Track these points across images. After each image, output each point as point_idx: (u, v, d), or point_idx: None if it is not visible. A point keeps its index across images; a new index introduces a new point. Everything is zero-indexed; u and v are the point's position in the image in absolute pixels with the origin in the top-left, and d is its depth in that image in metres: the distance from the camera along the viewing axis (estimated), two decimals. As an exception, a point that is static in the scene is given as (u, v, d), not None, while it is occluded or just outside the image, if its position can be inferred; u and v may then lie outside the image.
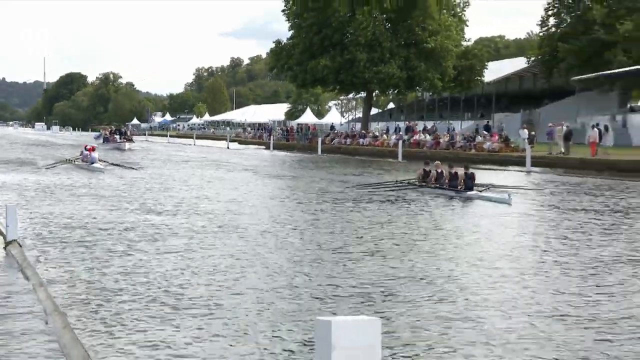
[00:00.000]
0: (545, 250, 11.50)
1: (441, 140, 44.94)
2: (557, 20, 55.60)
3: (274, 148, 56.13)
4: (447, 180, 19.91)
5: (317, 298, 8.23)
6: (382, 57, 54.19)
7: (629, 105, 50.11)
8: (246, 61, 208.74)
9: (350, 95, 74.55)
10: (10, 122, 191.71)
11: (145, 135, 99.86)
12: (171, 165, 33.69)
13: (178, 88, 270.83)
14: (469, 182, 19.35)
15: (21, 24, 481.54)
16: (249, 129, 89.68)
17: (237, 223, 14.02)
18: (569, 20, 54.46)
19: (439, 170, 20.38)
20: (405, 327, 7.11)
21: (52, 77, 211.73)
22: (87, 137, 72.49)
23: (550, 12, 55.67)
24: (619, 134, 42.83)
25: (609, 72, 45.46)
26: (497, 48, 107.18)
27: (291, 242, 11.99)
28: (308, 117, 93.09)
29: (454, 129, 51.67)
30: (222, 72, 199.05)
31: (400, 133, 50.90)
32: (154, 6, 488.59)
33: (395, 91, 60.36)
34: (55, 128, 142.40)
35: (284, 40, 60.51)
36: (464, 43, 59.34)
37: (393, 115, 76.88)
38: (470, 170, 19.93)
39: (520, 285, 9.00)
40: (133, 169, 29.29)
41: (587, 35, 48.87)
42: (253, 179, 26.01)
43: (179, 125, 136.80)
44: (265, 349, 6.49)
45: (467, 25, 59.46)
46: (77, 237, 12.16)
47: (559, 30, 54.36)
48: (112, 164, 30.42)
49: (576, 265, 10.22)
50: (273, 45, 61.42)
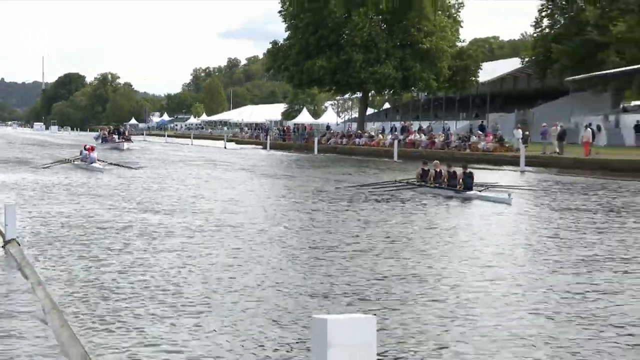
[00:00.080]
0: (538, 249, 11.52)
1: (436, 140, 44.97)
2: (550, 22, 55.65)
3: (270, 148, 56.11)
4: (445, 180, 19.84)
5: (311, 296, 8.23)
6: (378, 57, 54.18)
7: (621, 106, 50.24)
8: (243, 62, 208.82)
9: (346, 96, 74.57)
10: (9, 122, 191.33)
11: (143, 135, 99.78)
12: (169, 164, 33.65)
13: (176, 88, 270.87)
14: (468, 181, 19.24)
15: (21, 24, 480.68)
16: (246, 129, 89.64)
17: (234, 222, 14.01)
18: (562, 21, 54.50)
19: (437, 170, 20.30)
20: (398, 325, 7.11)
21: (53, 77, 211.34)
22: (86, 137, 72.36)
23: (544, 13, 55.71)
24: (612, 134, 42.94)
25: (602, 72, 45.50)
26: (492, 49, 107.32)
27: (287, 241, 11.99)
28: (304, 117, 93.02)
29: (449, 129, 51.73)
30: (219, 73, 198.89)
31: (396, 133, 50.93)
32: (151, 7, 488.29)
33: (391, 91, 60.37)
34: (54, 128, 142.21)
35: (281, 41, 60.48)
36: (459, 44, 59.37)
37: (389, 115, 76.91)
38: (469, 170, 19.88)
39: (511, 283, 9.02)
40: (132, 168, 29.25)
41: (581, 36, 48.92)
42: (250, 179, 26.00)
43: (176, 125, 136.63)
44: (261, 345, 6.49)
45: (462, 26, 59.61)
46: (75, 235, 12.15)
47: (552, 31, 54.39)
48: (111, 163, 30.38)
49: (568, 263, 10.24)
50: (270, 46, 61.40)
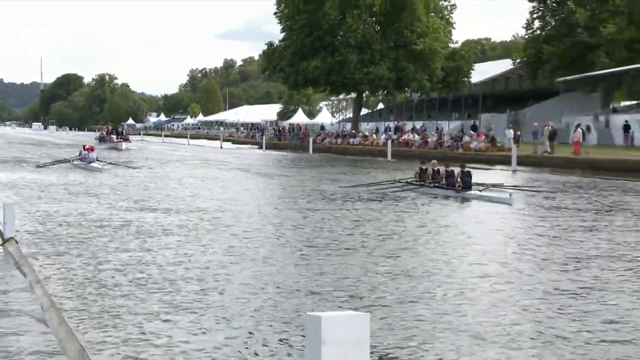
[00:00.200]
0: (529, 247, 11.54)
1: (429, 140, 45.01)
2: (541, 23, 55.77)
3: (266, 148, 56.07)
4: (443, 179, 19.76)
5: (305, 292, 8.24)
6: (372, 58, 54.21)
7: (611, 106, 50.40)
8: (239, 62, 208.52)
9: (341, 96, 74.60)
10: (8, 122, 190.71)
11: (140, 135, 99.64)
12: (166, 164, 33.60)
13: (172, 89, 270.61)
14: (467, 180, 19.08)
15: (21, 24, 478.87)
16: (242, 129, 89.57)
17: (230, 220, 14.01)
18: (553, 23, 54.61)
19: (435, 169, 20.21)
20: (390, 322, 7.12)
21: (53, 77, 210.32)
22: (84, 137, 72.21)
23: (535, 15, 55.86)
24: (602, 134, 43.07)
25: (592, 73, 45.63)
26: (484, 50, 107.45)
27: (282, 239, 11.98)
28: (300, 118, 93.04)
29: (442, 129, 51.79)
30: (215, 73, 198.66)
31: (390, 133, 50.95)
32: (148, 8, 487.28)
33: (385, 92, 60.44)
34: (52, 128, 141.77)
35: (276, 42, 60.49)
36: (452, 45, 59.50)
37: (382, 116, 76.93)
38: (467, 169, 19.73)
39: (500, 280, 9.03)
40: (131, 167, 29.21)
41: (571, 37, 49.04)
42: (246, 178, 25.99)
43: (173, 125, 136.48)
44: (257, 341, 6.48)
45: (454, 28, 59.73)
46: (73, 234, 12.12)
47: (543, 33, 54.51)
48: (110, 163, 30.31)
49: (557, 261, 10.27)
50: (265, 47, 61.40)
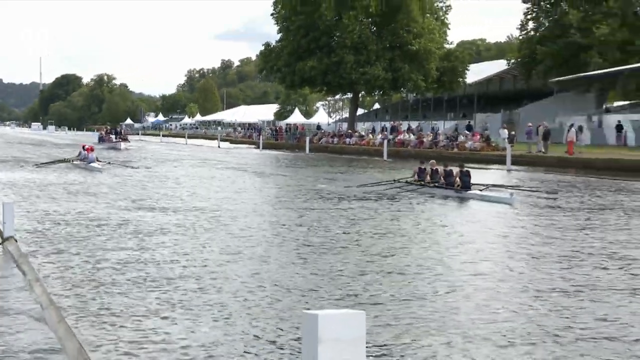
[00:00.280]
0: (524, 246, 11.57)
1: (425, 140, 45.05)
2: (535, 24, 55.87)
3: (263, 147, 56.06)
4: (442, 177, 19.66)
5: (301, 290, 8.24)
6: (368, 59, 54.23)
7: (604, 106, 50.52)
8: (236, 63, 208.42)
9: (337, 96, 74.59)
10: (7, 122, 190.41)
11: (138, 134, 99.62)
12: (165, 163, 33.56)
13: (170, 89, 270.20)
14: (466, 179, 18.98)
15: (20, 25, 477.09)
16: (239, 128, 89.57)
17: (227, 219, 14.00)
18: (547, 24, 54.72)
19: (434, 169, 20.14)
20: (384, 320, 7.13)
21: (53, 77, 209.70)
22: (83, 137, 72.10)
23: (529, 17, 55.95)
24: (595, 134, 43.15)
25: (586, 74, 45.72)
26: (479, 50, 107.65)
27: (279, 238, 11.98)
28: (296, 117, 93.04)
29: (438, 129, 51.84)
30: (213, 74, 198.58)
31: (386, 133, 50.97)
32: (147, 9, 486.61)
33: (381, 92, 60.41)
34: (51, 128, 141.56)
35: (273, 43, 60.46)
36: (447, 45, 59.48)
37: (378, 116, 76.99)
38: (466, 169, 19.60)
39: (494, 278, 9.05)
40: (130, 167, 29.16)
41: (564, 38, 49.15)
42: (243, 177, 25.97)
43: (171, 125, 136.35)
44: (254, 338, 6.48)
45: (449, 29, 59.74)
46: (72, 233, 12.10)
47: (537, 34, 54.62)
48: (110, 163, 30.21)
49: (550, 259, 10.28)
50: (262, 48, 61.37)
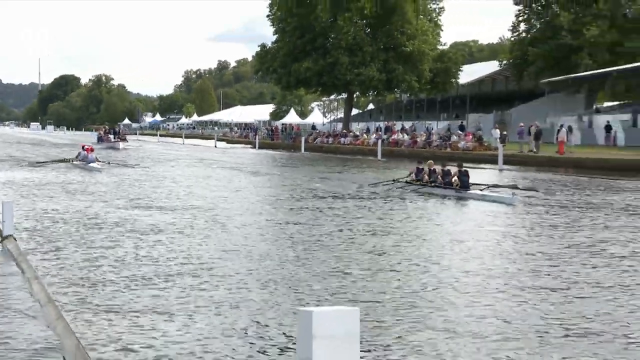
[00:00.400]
0: (518, 244, 11.60)
1: (418, 140, 45.07)
2: (527, 26, 55.92)
3: (259, 147, 56.04)
4: (440, 177, 19.56)
5: (295, 288, 8.25)
6: (363, 60, 54.26)
7: (594, 107, 50.63)
8: (233, 64, 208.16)
9: (332, 97, 74.56)
10: (7, 122, 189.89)
11: (136, 134, 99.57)
12: (163, 163, 33.53)
13: (167, 89, 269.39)
14: (464, 179, 18.88)
15: (20, 25, 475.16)
16: (236, 128, 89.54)
17: (223, 218, 13.99)
18: (538, 26, 54.79)
19: (432, 168, 20.07)
20: (375, 317, 7.14)
21: (52, 77, 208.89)
22: (82, 137, 71.93)
23: (520, 18, 56.01)
24: (585, 134, 43.24)
25: (576, 75, 45.83)
26: (471, 52, 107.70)
27: (275, 236, 11.99)
28: (292, 118, 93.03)
29: (432, 129, 51.89)
30: (209, 75, 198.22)
31: (380, 133, 50.99)
32: (145, 10, 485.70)
33: (375, 92, 60.48)
34: (50, 128, 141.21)
35: (269, 44, 60.44)
36: (440, 47, 59.56)
37: (373, 116, 77.02)
38: (464, 168, 19.48)
39: (486, 275, 9.07)
40: (129, 167, 29.10)
41: (555, 40, 49.23)
42: (239, 176, 25.96)
43: (168, 125, 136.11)
44: (250, 335, 6.48)
45: (443, 30, 59.82)
46: (71, 231, 12.08)
47: (529, 36, 54.70)
48: (109, 162, 30.10)
49: (540, 257, 10.31)
50: (258, 49, 61.33)
